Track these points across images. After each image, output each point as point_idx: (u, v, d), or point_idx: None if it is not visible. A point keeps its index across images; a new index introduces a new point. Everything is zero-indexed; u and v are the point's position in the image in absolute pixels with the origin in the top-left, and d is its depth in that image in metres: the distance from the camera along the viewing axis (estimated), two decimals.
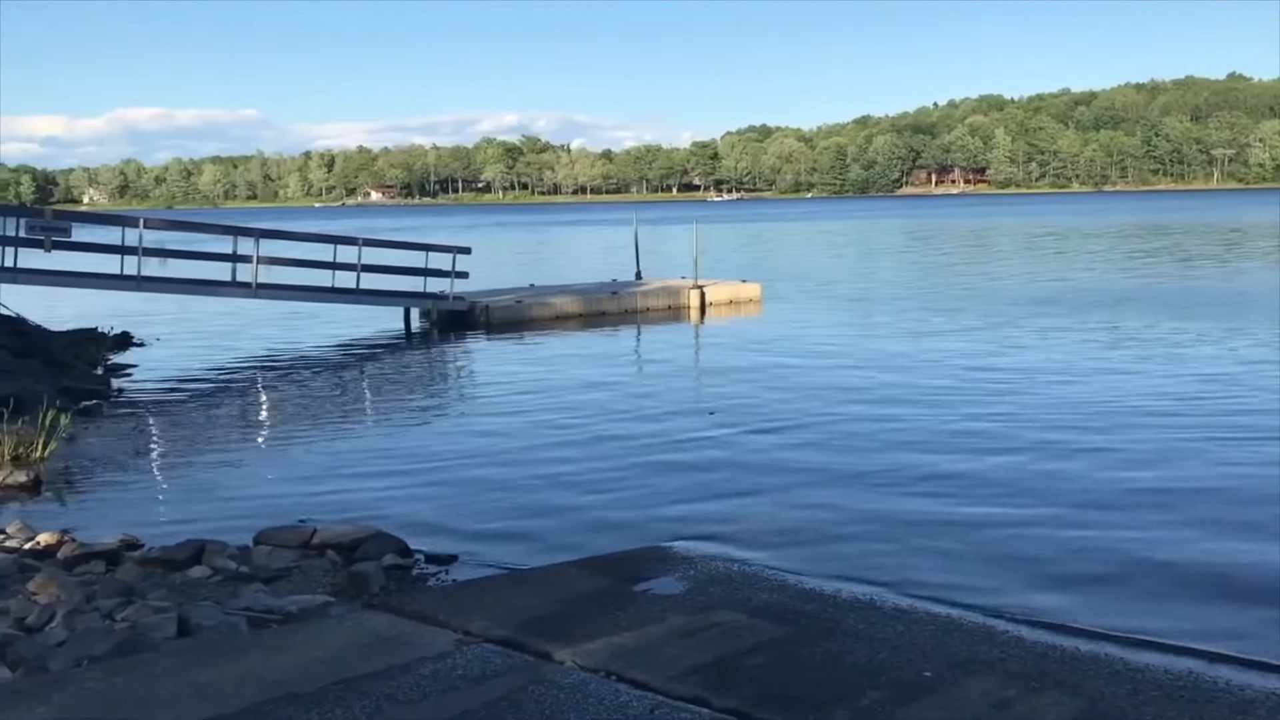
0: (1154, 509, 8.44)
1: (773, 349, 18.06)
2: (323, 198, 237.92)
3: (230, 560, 7.00)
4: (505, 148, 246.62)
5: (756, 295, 25.98)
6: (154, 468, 10.98)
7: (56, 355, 16.42)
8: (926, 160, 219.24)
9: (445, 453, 11.17)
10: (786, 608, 5.73)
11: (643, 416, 12.71)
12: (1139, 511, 8.38)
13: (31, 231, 19.00)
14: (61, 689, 4.56)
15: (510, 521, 8.62)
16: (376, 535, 7.59)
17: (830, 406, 12.89)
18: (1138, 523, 8.10)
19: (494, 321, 22.31)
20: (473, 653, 4.97)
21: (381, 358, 19.20)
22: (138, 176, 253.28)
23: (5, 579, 6.44)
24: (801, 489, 9.33)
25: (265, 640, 5.23)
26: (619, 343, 20.62)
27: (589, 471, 10.19)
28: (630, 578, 6.27)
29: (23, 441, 10.43)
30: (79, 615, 5.63)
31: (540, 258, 49.76)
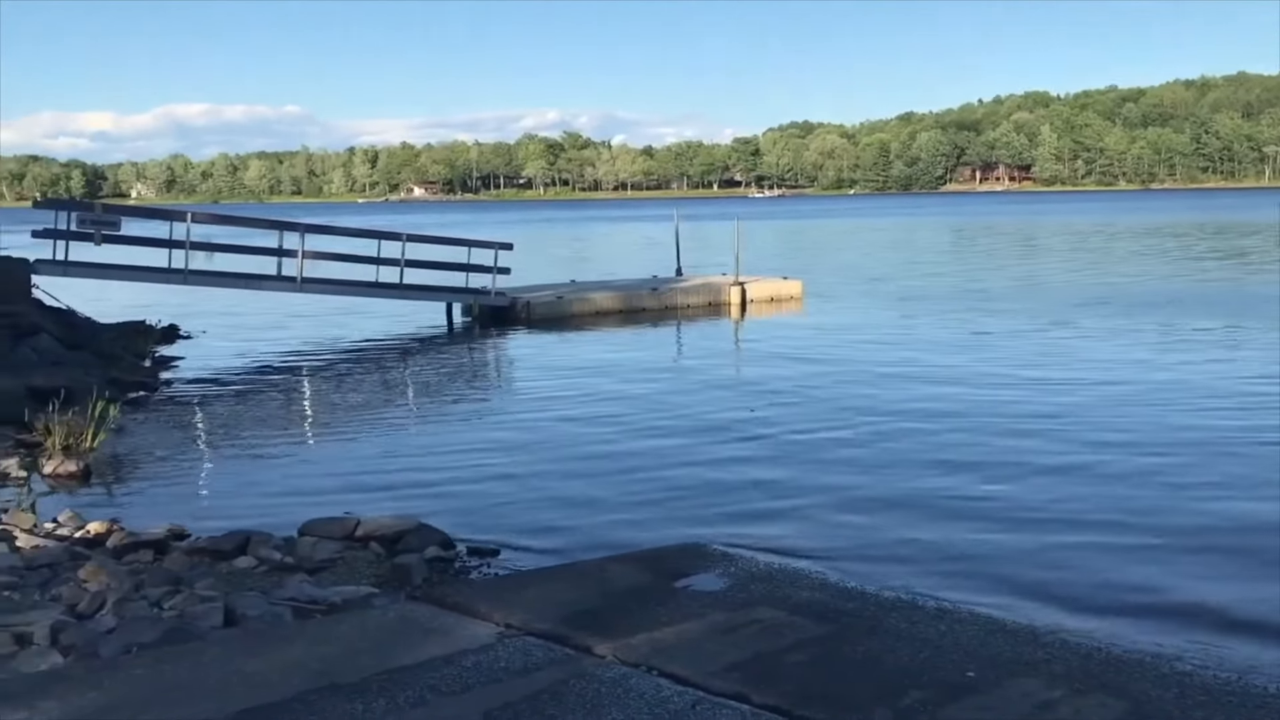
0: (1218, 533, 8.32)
1: (814, 347, 17.98)
2: (366, 193, 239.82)
3: (275, 551, 7.09)
4: (547, 144, 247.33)
5: (798, 292, 25.88)
6: (200, 459, 11.13)
7: (105, 347, 16.67)
8: (971, 157, 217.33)
9: (486, 446, 11.23)
10: (827, 606, 5.71)
11: (682, 413, 12.71)
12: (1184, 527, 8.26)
13: (82, 225, 19.31)
14: (112, 675, 4.64)
15: (550, 516, 8.65)
16: (419, 528, 7.65)
17: (873, 405, 12.81)
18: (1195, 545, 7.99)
19: (535, 317, 22.39)
20: (515, 645, 4.99)
21: (424, 352, 19.32)
22: (185, 171, 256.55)
23: (57, 567, 6.56)
24: (842, 488, 9.29)
25: (310, 630, 5.29)
26: (659, 339, 20.62)
27: (628, 467, 10.20)
28: (670, 573, 6.27)
29: (73, 432, 10.61)
30: (128, 603, 5.73)
31: (581, 254, 49.85)
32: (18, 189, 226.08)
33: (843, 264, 38.97)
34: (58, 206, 20.50)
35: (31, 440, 10.81)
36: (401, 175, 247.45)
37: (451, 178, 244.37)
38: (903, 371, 15.17)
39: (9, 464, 9.96)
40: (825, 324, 21.23)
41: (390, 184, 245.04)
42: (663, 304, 24.01)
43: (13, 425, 11.22)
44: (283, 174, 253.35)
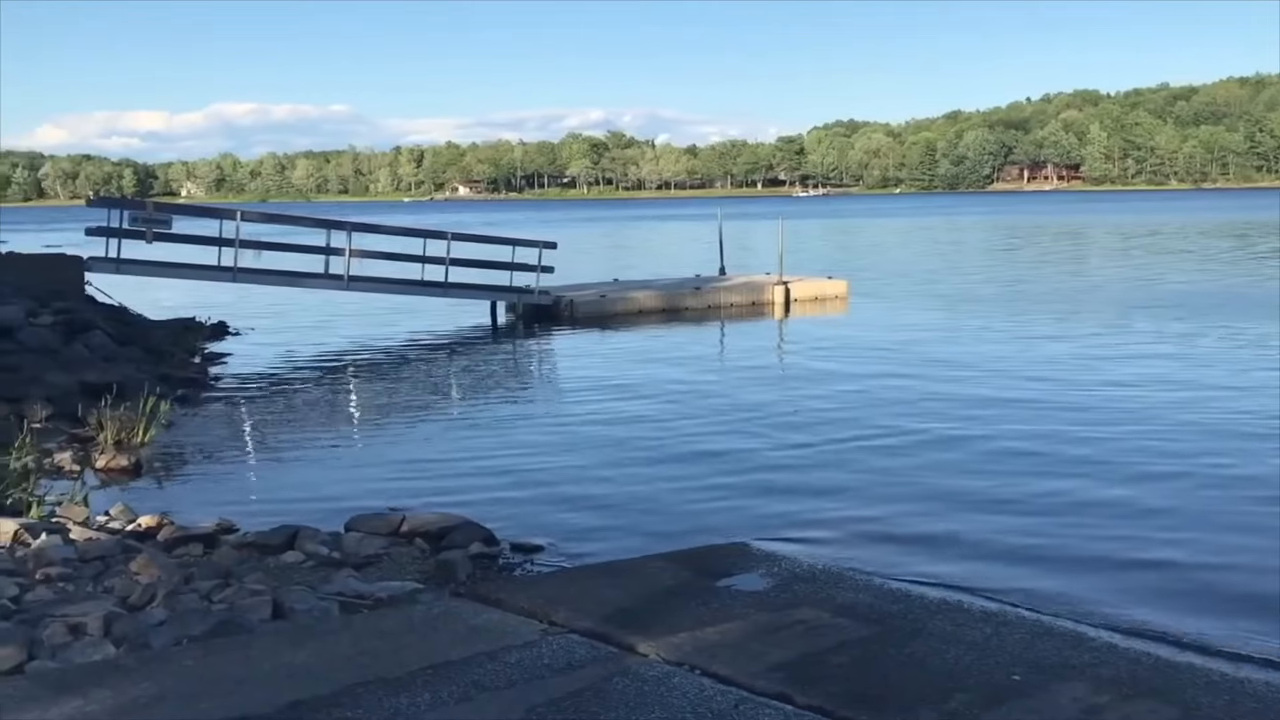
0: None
1: (859, 347, 17.88)
2: (412, 192, 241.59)
3: (322, 546, 7.17)
4: (590, 143, 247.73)
5: (843, 292, 25.74)
6: (248, 454, 11.27)
7: (156, 343, 16.93)
8: (1018, 156, 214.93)
9: (529, 444, 11.28)
10: (871, 607, 5.68)
11: (724, 412, 12.69)
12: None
13: (134, 223, 19.62)
14: (163, 666, 4.71)
15: (592, 514, 8.68)
16: (463, 524, 7.70)
17: (919, 406, 12.72)
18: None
19: (578, 316, 22.45)
20: (558, 643, 5.02)
21: (468, 350, 19.44)
22: (233, 170, 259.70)
23: (109, 559, 6.67)
24: (886, 489, 9.24)
25: (356, 625, 5.35)
26: (702, 338, 20.60)
27: (671, 466, 10.21)
28: (713, 573, 6.27)
29: (124, 427, 10.79)
30: (178, 596, 5.81)
31: (624, 253, 49.91)
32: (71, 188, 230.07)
33: (888, 264, 38.70)
34: (110, 205, 20.84)
35: (84, 435, 11.01)
36: (447, 174, 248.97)
37: (496, 177, 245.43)
38: (949, 373, 15.04)
39: (63, 458, 10.15)
40: (871, 324, 21.10)
41: (435, 183, 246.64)
42: (706, 303, 23.99)
43: (66, 420, 11.44)
44: (329, 173, 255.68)
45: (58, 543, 6.86)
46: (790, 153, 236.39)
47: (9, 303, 15.68)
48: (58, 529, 7.31)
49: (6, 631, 5.15)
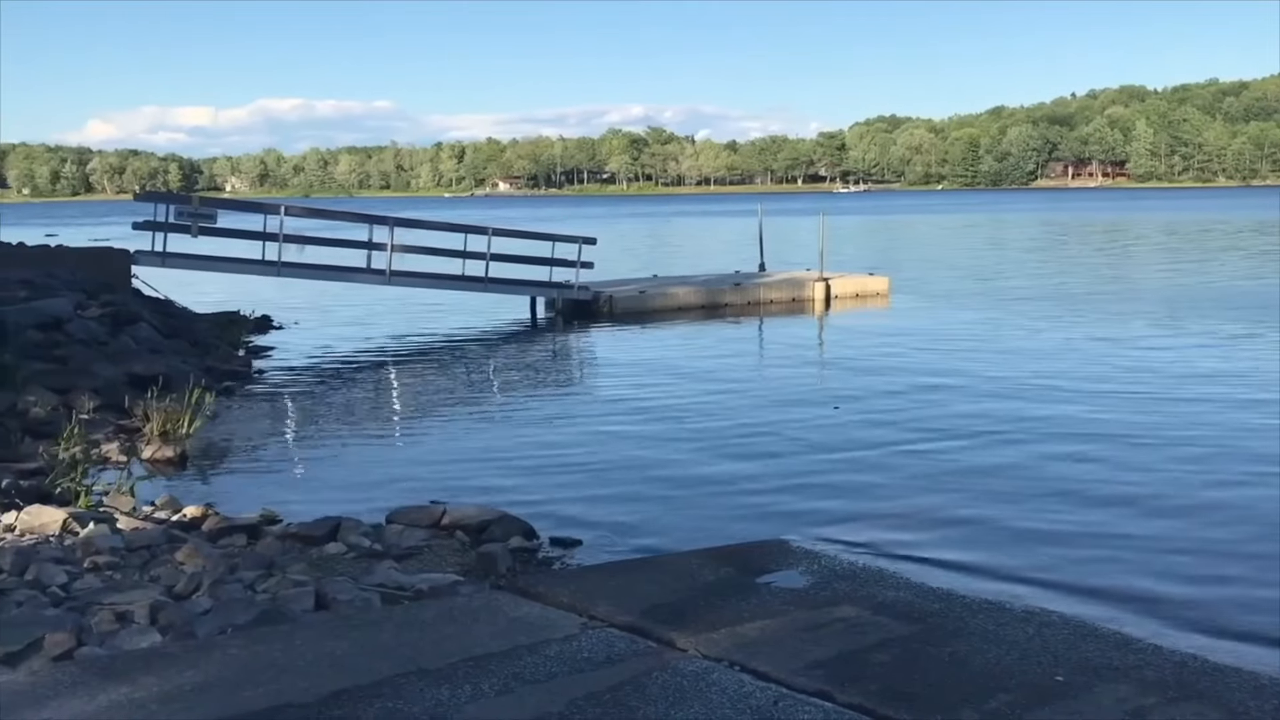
0: None
1: (901, 344, 17.76)
2: (452, 188, 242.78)
3: (364, 538, 7.23)
4: (630, 139, 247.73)
5: (884, 289, 25.57)
6: (290, 446, 11.39)
7: (201, 336, 17.14)
8: (1063, 152, 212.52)
9: (568, 439, 11.31)
10: (912, 605, 5.64)
11: (764, 408, 12.66)
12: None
13: (180, 218, 19.88)
14: (208, 654, 4.77)
15: (631, 509, 8.68)
16: (503, 518, 7.73)
17: (960, 405, 12.62)
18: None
19: (617, 311, 22.47)
20: (598, 636, 5.03)
21: (508, 345, 19.52)
22: (277, 166, 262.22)
23: (155, 548, 6.77)
24: (927, 487, 9.17)
25: (398, 616, 5.39)
26: (741, 334, 20.55)
27: (710, 462, 10.20)
28: (752, 569, 6.26)
29: (170, 418, 10.92)
30: (223, 585, 5.88)
31: (663, 249, 49.89)
32: (118, 182, 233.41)
33: (930, 260, 38.40)
34: (157, 199, 21.13)
35: (131, 426, 11.16)
36: (487, 170, 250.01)
37: (536, 173, 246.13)
38: (991, 372, 14.91)
39: (110, 448, 10.30)
40: (912, 321, 20.96)
41: (476, 179, 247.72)
42: (745, 299, 23.93)
43: (114, 411, 11.60)
44: (371, 169, 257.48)
45: (105, 532, 6.97)
46: (831, 148, 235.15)
47: (58, 295, 15.93)
48: (105, 518, 7.42)
49: (56, 618, 5.24)
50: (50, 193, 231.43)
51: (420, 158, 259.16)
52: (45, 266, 18.67)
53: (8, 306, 14.55)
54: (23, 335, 13.51)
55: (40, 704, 4.18)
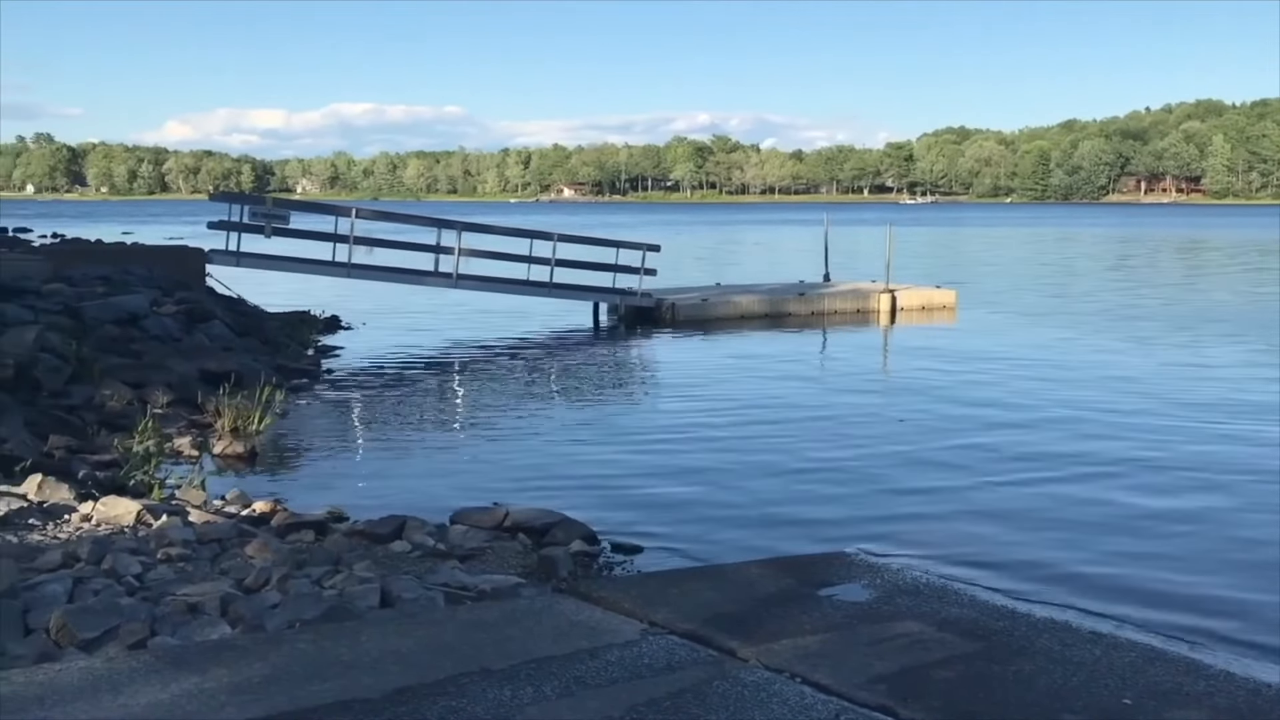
0: None
1: (967, 359, 17.55)
2: (518, 193, 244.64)
3: (428, 537, 7.31)
4: (695, 147, 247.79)
5: (951, 302, 25.28)
6: (357, 445, 11.56)
7: (272, 335, 17.45)
8: (1136, 167, 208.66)
9: (629, 445, 11.34)
10: (976, 623, 5.58)
11: (827, 419, 12.59)
12: None
13: (254, 218, 20.27)
14: (276, 648, 4.86)
15: (691, 517, 8.69)
16: (565, 521, 7.78)
17: (1027, 420, 12.45)
18: None
19: (680, 319, 22.48)
20: (659, 643, 5.04)
21: (571, 350, 19.62)
22: (347, 169, 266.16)
23: (225, 542, 6.91)
24: (991, 503, 9.07)
25: (461, 616, 5.44)
26: (805, 344, 20.45)
27: (770, 472, 10.17)
28: (815, 581, 6.23)
29: (241, 415, 11.16)
30: (291, 580, 5.99)
31: (727, 257, 49.82)
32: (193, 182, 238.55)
33: (999, 274, 37.89)
34: (232, 200, 21.56)
35: (203, 421, 11.41)
36: (553, 176, 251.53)
37: (601, 179, 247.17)
38: (1059, 390, 14.67)
39: (182, 443, 10.53)
40: (979, 336, 20.70)
41: (541, 185, 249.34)
42: (809, 309, 23.82)
43: (186, 406, 11.87)
44: (439, 173, 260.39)
45: (178, 524, 7.12)
46: (899, 159, 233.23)
47: (135, 291, 16.32)
48: (178, 511, 7.59)
49: (131, 607, 5.37)
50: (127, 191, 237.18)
51: (487, 163, 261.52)
52: (122, 263, 19.16)
53: (87, 302, 14.94)
54: (100, 330, 13.86)
55: (116, 690, 4.29)
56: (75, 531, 6.97)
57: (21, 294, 14.76)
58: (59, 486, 7.79)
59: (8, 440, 9.41)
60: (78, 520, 7.22)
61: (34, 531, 6.91)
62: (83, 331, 13.40)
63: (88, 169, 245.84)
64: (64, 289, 15.67)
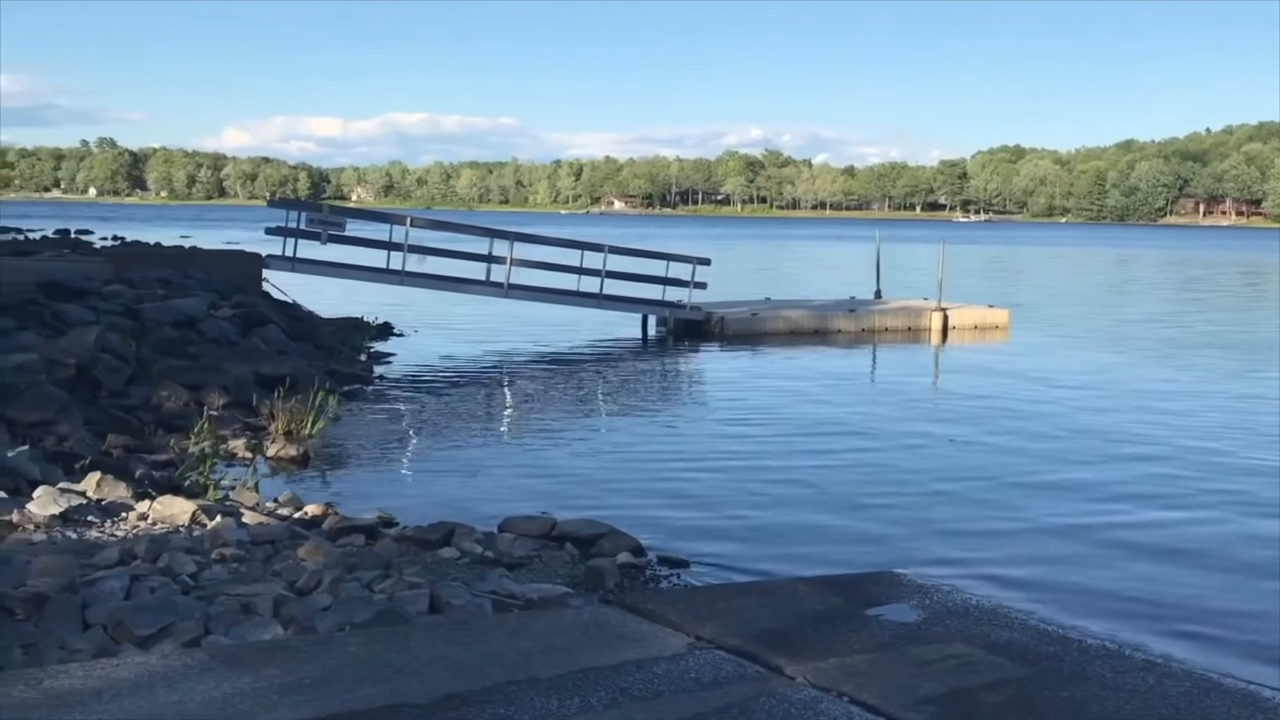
0: None
1: (1019, 379, 17.37)
2: (569, 205, 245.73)
3: (476, 544, 7.36)
4: (746, 161, 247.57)
5: (1004, 322, 25.02)
6: (407, 451, 11.67)
7: (325, 340, 17.67)
8: (1195, 189, 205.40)
9: (676, 458, 11.35)
10: (1027, 647, 5.51)
11: (876, 437, 12.52)
12: None
13: (311, 225, 20.56)
14: (327, 650, 4.91)
15: (738, 532, 8.68)
16: (612, 532, 7.80)
17: (1078, 445, 12.29)
18: None
19: (729, 333, 22.45)
20: (705, 658, 5.03)
21: (619, 362, 19.66)
22: (401, 178, 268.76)
23: (278, 544, 7.00)
24: (1043, 525, 8.97)
25: (509, 623, 5.47)
26: (855, 361, 20.35)
27: (818, 488, 10.13)
28: (862, 600, 6.19)
29: (294, 418, 11.30)
30: (342, 583, 6.05)
31: (777, 271, 49.69)
32: (250, 188, 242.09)
33: (1053, 295, 37.44)
34: (289, 206, 21.88)
35: (257, 424, 11.57)
36: (603, 188, 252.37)
37: (651, 192, 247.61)
38: (1114, 415, 14.47)
39: (237, 444, 10.69)
40: (1032, 356, 20.47)
41: (592, 196, 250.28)
42: (860, 326, 23.69)
43: (241, 409, 12.05)
44: (491, 183, 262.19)
45: (232, 525, 7.23)
46: (952, 176, 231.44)
47: (193, 295, 16.61)
48: (232, 512, 7.70)
49: (186, 605, 5.46)
50: (186, 196, 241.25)
51: (539, 174, 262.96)
52: (181, 267, 19.51)
53: (146, 304, 15.23)
54: (159, 332, 14.12)
55: (172, 686, 4.36)
56: (132, 529, 7.10)
57: (84, 295, 15.09)
58: (117, 485, 7.94)
59: (68, 438, 9.61)
60: (135, 518, 7.35)
61: (92, 528, 7.05)
62: (142, 333, 13.66)
63: (148, 173, 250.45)
64: (124, 291, 15.99)
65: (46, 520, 6.93)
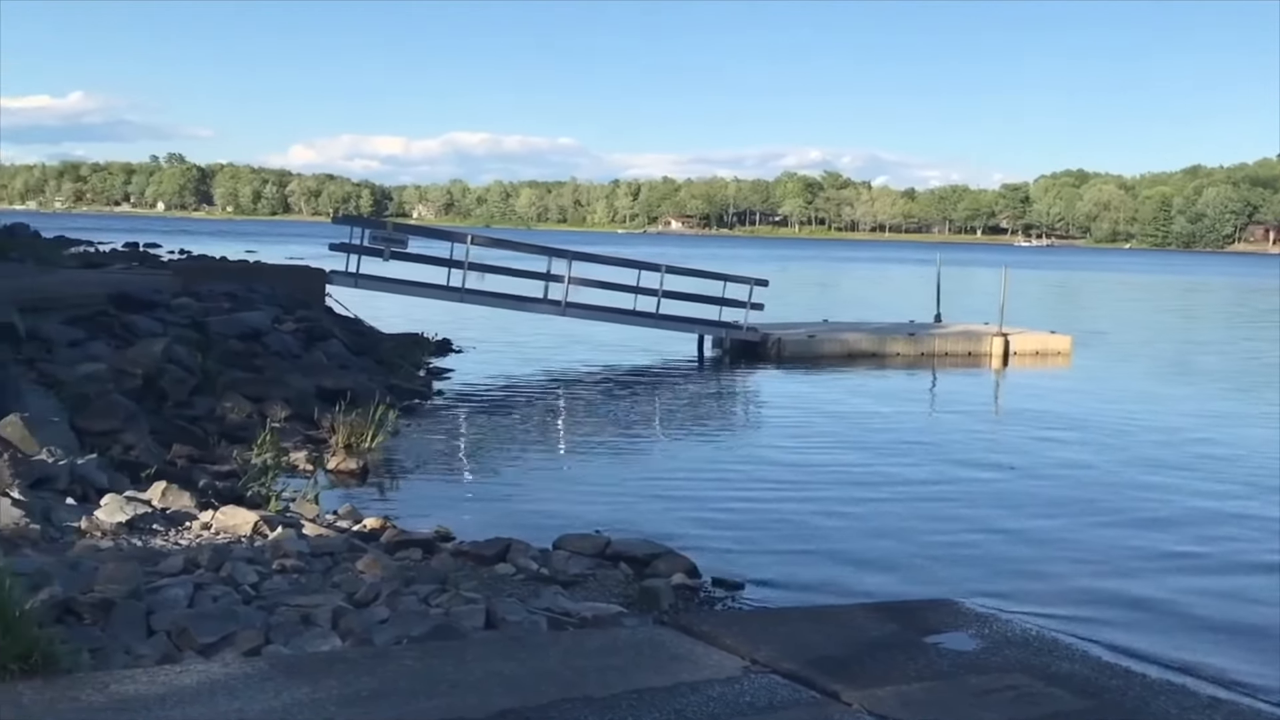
0: None
1: (1081, 406, 17.08)
2: (626, 224, 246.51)
3: (532, 561, 7.39)
4: (805, 182, 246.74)
5: (1066, 348, 24.65)
6: (464, 466, 11.76)
7: (386, 355, 17.87)
8: (1264, 216, 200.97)
9: (731, 480, 11.32)
10: (1089, 680, 5.42)
11: (933, 465, 12.38)
12: None
13: (374, 241, 20.86)
14: (384, 663, 4.96)
15: (792, 556, 8.62)
16: (667, 553, 7.80)
17: (1142, 476, 12.06)
18: None
19: (785, 354, 22.36)
20: (760, 681, 5.01)
21: (674, 382, 19.67)
22: (462, 196, 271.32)
23: (337, 556, 7.08)
24: (1103, 561, 8.79)
25: (564, 641, 5.48)
26: (914, 385, 20.17)
27: (874, 513, 10.04)
28: (920, 627, 6.12)
29: (355, 432, 11.44)
30: (399, 597, 6.11)
31: (835, 293, 49.43)
32: (314, 205, 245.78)
33: (1117, 322, 36.82)
34: (354, 223, 22.21)
35: (318, 436, 11.73)
36: (661, 208, 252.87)
37: (708, 212, 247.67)
38: (1177, 446, 14.16)
39: (298, 456, 10.84)
40: (1095, 384, 20.16)
41: (650, 216, 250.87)
42: (919, 350, 23.47)
43: (303, 421, 12.22)
44: (550, 203, 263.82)
45: (293, 536, 7.31)
46: (1014, 200, 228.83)
47: (258, 308, 16.91)
48: (293, 523, 7.80)
49: (248, 615, 5.54)
50: (251, 211, 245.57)
51: (597, 194, 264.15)
52: (247, 281, 19.86)
53: (212, 316, 15.53)
54: (224, 344, 14.38)
55: (233, 695, 4.42)
56: (195, 538, 7.22)
57: (152, 307, 15.42)
58: (181, 494, 8.08)
59: (135, 447, 9.81)
60: (198, 527, 7.48)
61: (157, 536, 7.18)
62: (207, 345, 13.92)
63: (215, 188, 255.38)
64: (191, 303, 16.31)
65: (113, 527, 7.07)
